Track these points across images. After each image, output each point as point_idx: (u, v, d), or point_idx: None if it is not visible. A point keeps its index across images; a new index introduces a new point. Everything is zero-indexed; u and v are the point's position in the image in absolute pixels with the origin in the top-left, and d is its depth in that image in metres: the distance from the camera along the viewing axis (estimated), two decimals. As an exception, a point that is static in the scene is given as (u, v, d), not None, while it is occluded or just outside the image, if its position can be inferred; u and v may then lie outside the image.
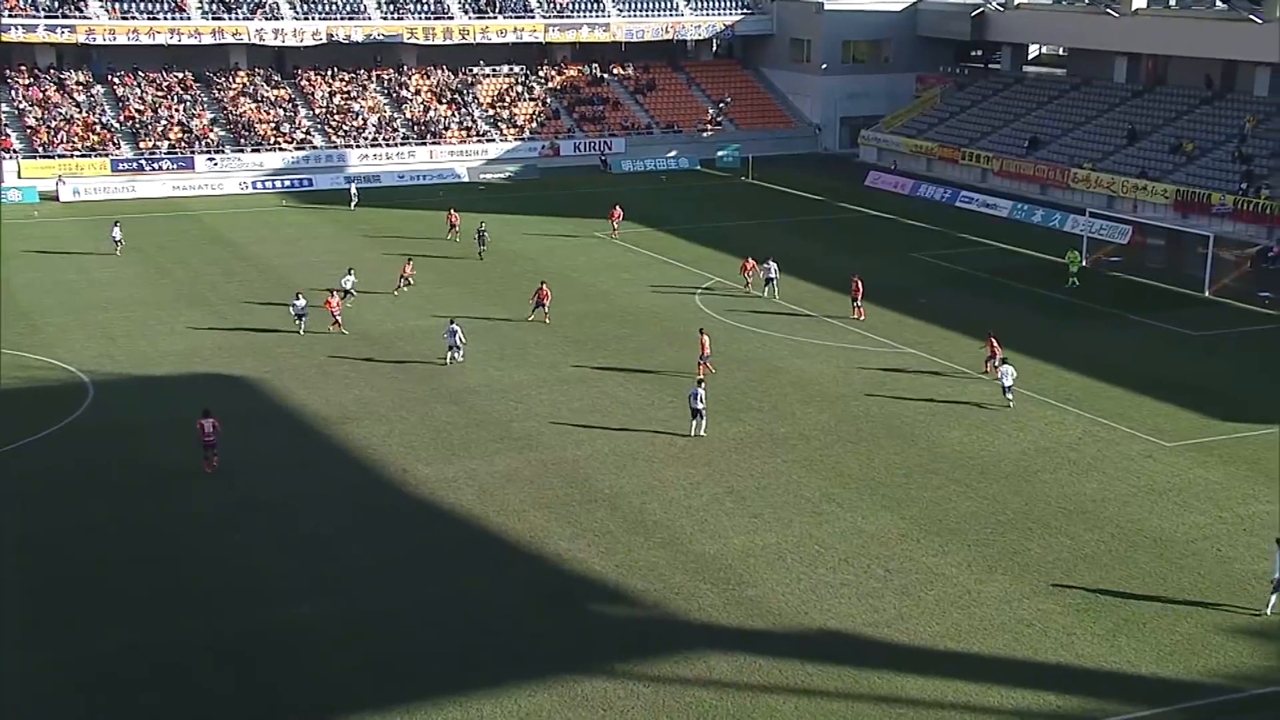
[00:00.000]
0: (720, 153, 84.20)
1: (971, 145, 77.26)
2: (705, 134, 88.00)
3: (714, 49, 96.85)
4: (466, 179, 79.51)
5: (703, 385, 35.62)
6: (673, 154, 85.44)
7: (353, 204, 69.92)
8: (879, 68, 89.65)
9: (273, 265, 56.39)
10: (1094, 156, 70.46)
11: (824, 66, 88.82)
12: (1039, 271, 55.77)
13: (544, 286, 47.07)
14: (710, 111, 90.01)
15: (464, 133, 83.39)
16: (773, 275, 50.55)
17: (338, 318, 45.54)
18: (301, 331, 44.76)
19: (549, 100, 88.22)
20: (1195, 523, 30.32)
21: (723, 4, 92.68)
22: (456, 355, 42.00)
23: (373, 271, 54.80)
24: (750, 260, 51.72)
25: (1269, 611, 26.03)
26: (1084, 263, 53.55)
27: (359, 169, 78.90)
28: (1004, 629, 25.61)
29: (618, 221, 62.54)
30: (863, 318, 46.88)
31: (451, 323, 42.52)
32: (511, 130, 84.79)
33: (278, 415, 37.73)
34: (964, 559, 28.56)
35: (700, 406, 35.43)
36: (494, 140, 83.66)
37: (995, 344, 40.60)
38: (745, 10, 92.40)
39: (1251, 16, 65.88)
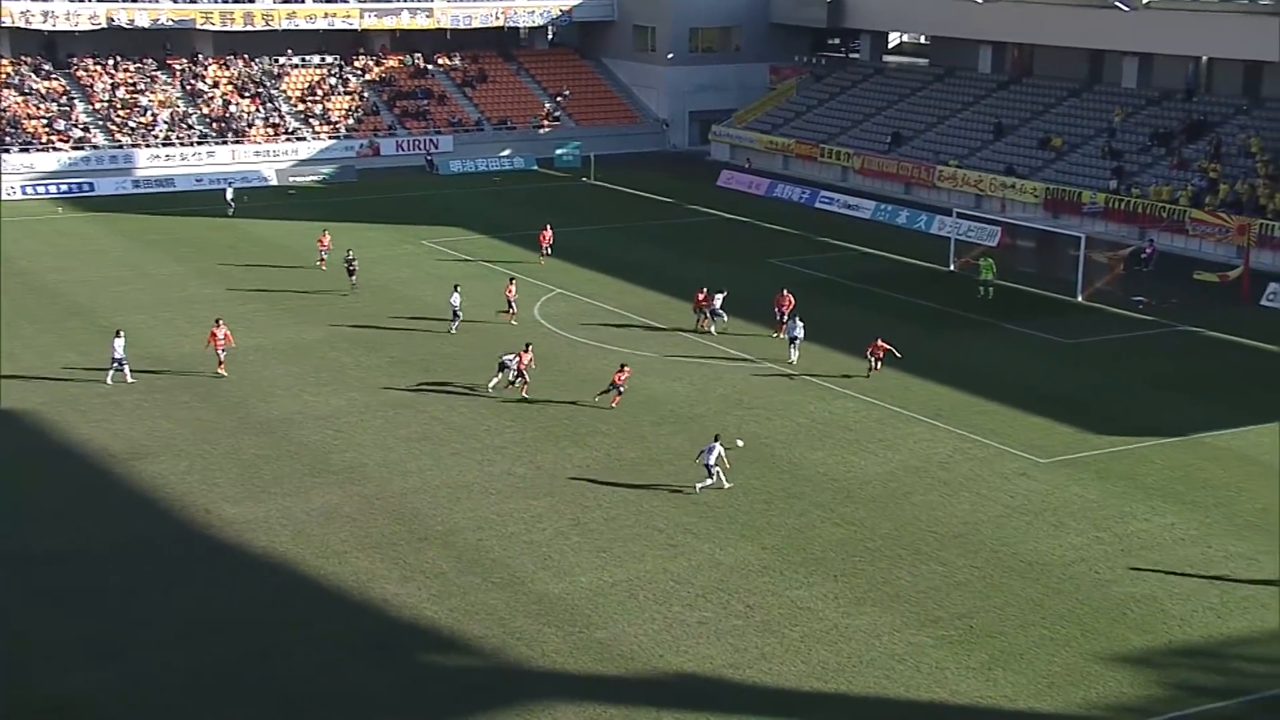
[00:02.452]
0: (559, 151, 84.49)
1: (831, 141, 79.03)
2: (542, 131, 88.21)
3: (550, 37, 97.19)
4: (275, 182, 78.23)
5: (719, 439, 34.10)
6: (507, 153, 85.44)
7: (230, 211, 67.74)
8: (730, 58, 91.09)
9: (46, 282, 54.59)
10: (960, 153, 72.74)
11: (670, 56, 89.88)
12: (904, 277, 57.27)
13: (528, 350, 41.07)
14: (547, 106, 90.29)
15: (270, 130, 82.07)
16: (717, 309, 48.00)
17: (221, 356, 42.38)
18: (110, 382, 41.65)
19: (366, 94, 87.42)
20: (1072, 544, 31.44)
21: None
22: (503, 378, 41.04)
23: (163, 288, 53.61)
24: (704, 292, 48.21)
25: None
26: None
27: (151, 171, 76.97)
28: (874, 665, 26.16)
29: (548, 245, 58.28)
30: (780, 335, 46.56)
31: (529, 346, 41.45)
32: (325, 127, 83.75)
33: (55, 453, 36.49)
34: (830, 591, 29.11)
35: (712, 463, 33.46)
36: (305, 139, 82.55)
37: (788, 299, 46.10)
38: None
39: (1119, 4, 68.89)
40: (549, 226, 59.59)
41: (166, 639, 26.95)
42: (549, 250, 58.44)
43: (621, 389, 39.73)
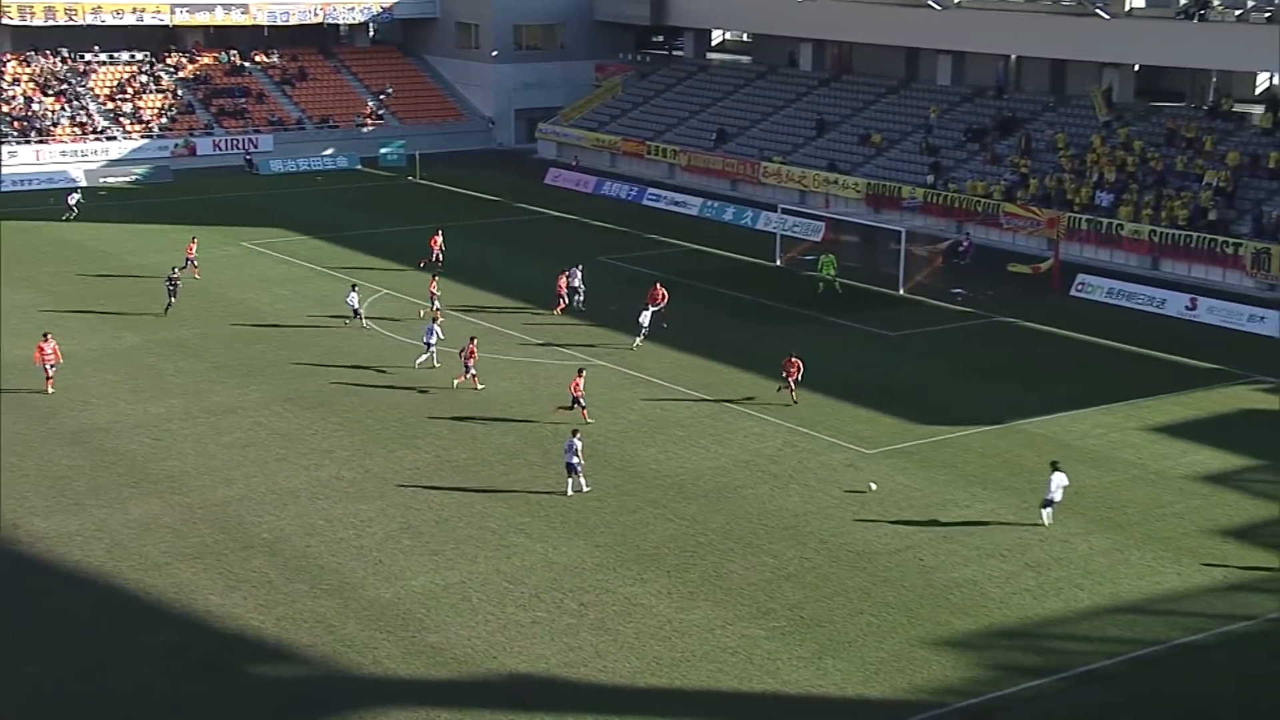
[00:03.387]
0: (383, 150, 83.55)
1: (657, 139, 79.62)
2: (365, 129, 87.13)
3: (371, 34, 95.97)
4: (84, 183, 75.65)
5: (578, 435, 33.96)
6: (329, 152, 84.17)
7: (68, 215, 65.30)
8: (554, 55, 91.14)
9: None
10: (784, 149, 73.97)
11: (494, 54, 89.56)
12: (731, 273, 58.02)
13: (473, 342, 41.71)
14: (370, 104, 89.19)
15: (78, 129, 79.43)
16: (576, 284, 50.69)
17: (49, 371, 40.31)
18: None
19: (180, 92, 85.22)
20: (898, 532, 32.26)
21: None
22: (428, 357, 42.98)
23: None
24: (565, 274, 50.65)
25: (1046, 523, 32.26)
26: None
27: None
28: (707, 659, 26.49)
29: (440, 251, 56.37)
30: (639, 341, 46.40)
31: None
32: (137, 126, 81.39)
33: None
34: (663, 586, 29.38)
35: (575, 460, 33.48)
36: (115, 138, 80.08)
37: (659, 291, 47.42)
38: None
39: (932, 4, 70.85)
40: (440, 231, 58.07)
41: (-24, 661, 25.98)
42: (440, 257, 56.47)
43: (582, 400, 38.54)
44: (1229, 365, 45.55)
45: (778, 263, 59.36)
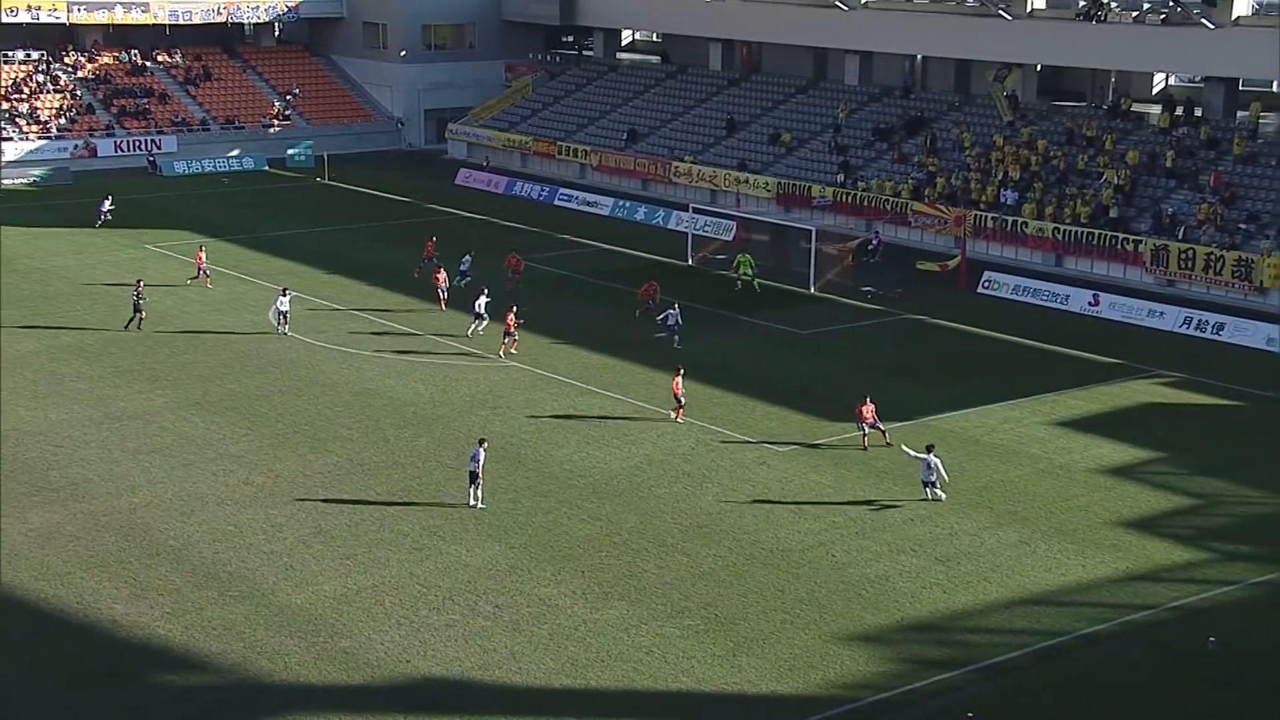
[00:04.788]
0: (291, 151, 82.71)
1: (568, 139, 79.57)
2: (272, 130, 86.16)
3: (276, 34, 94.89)
4: (-15, 185, 74.17)
5: (484, 445, 33.33)
6: (235, 153, 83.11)
7: (100, 221, 63.85)
8: (464, 55, 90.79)
9: None
10: (694, 149, 74.26)
11: (403, 53, 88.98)
12: (644, 272, 58.06)
13: (513, 310, 45.39)
14: (277, 105, 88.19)
15: (-28, 130, 77.74)
16: (464, 266, 52.68)
17: None
18: None
19: (80, 92, 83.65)
20: (810, 529, 32.52)
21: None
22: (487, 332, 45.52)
23: None
24: (515, 257, 53.76)
25: (930, 498, 33.11)
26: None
27: None
28: (622, 659, 26.52)
29: (434, 254, 54.27)
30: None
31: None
32: (34, 127, 79.78)
33: None
34: (578, 587, 29.37)
35: (476, 468, 32.72)
36: (11, 139, 78.42)
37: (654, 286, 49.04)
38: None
39: (839, 4, 71.52)
40: (433, 239, 56.36)
41: (-128, 676, 25.33)
42: (436, 260, 54.46)
43: (681, 398, 39.07)
44: (1130, 360, 46.47)
45: (689, 262, 59.57)
